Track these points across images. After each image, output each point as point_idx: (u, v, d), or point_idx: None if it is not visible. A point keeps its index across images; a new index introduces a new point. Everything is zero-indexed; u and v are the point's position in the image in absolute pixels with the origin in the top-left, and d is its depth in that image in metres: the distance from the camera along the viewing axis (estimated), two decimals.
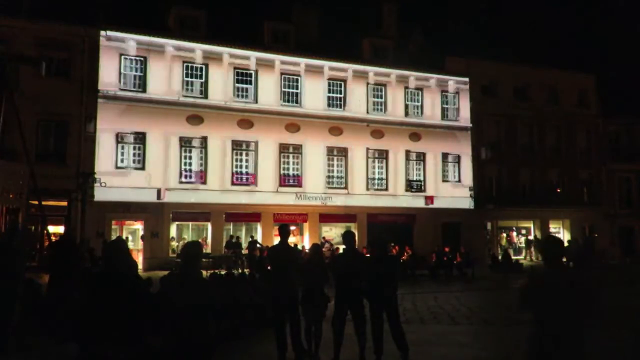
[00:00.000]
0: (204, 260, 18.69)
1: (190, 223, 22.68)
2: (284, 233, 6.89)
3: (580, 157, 30.24)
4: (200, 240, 21.63)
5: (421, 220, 25.41)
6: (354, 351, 6.54)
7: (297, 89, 24.12)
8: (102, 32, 20.74)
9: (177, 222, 22.10)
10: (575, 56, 32.27)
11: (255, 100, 23.19)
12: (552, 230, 29.64)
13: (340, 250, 15.58)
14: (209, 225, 22.37)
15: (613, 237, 30.18)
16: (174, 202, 21.28)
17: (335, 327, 6.53)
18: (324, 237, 23.36)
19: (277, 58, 23.63)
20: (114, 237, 19.09)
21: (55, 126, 20.32)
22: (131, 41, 21.24)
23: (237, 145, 22.85)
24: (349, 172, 24.51)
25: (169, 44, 21.91)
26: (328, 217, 24.17)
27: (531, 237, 29.10)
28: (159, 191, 20.92)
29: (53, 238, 10.48)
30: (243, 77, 23.22)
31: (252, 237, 21.52)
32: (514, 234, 29.78)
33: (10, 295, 6.52)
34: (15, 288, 6.68)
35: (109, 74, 20.81)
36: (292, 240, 19.72)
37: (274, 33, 24.40)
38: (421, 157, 26.22)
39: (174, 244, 21.74)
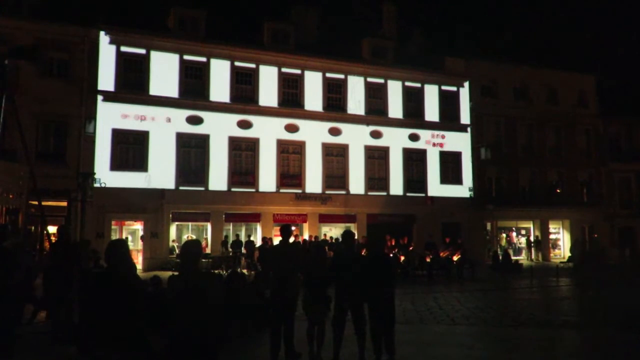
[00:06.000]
0: (203, 260, 18.73)
1: (190, 223, 22.67)
2: (286, 233, 6.90)
3: (580, 157, 30.24)
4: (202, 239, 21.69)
5: (421, 220, 25.39)
6: (354, 351, 6.55)
7: (296, 89, 24.13)
8: (102, 32, 20.75)
9: (177, 223, 22.09)
10: (575, 56, 32.33)
11: (255, 100, 23.19)
12: (551, 230, 29.65)
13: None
14: (209, 226, 22.36)
15: (613, 237, 30.16)
16: (174, 202, 21.28)
17: (335, 327, 6.54)
18: (324, 235, 23.34)
19: (277, 58, 23.64)
20: (114, 238, 19.12)
21: (55, 126, 20.34)
22: (131, 41, 21.23)
23: (236, 146, 22.85)
24: (348, 172, 24.51)
25: (169, 44, 21.91)
26: (328, 217, 24.16)
27: (532, 237, 29.07)
28: (158, 191, 20.92)
29: (53, 238, 10.47)
30: (243, 77, 23.23)
31: (264, 238, 21.16)
32: (514, 234, 29.77)
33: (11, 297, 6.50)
34: (14, 289, 6.66)
35: (109, 74, 20.82)
36: (291, 240, 19.69)
37: (274, 33, 24.39)
38: (421, 157, 26.23)
39: (173, 236, 21.73)
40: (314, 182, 23.84)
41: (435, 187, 26.19)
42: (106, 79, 20.76)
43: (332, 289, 6.68)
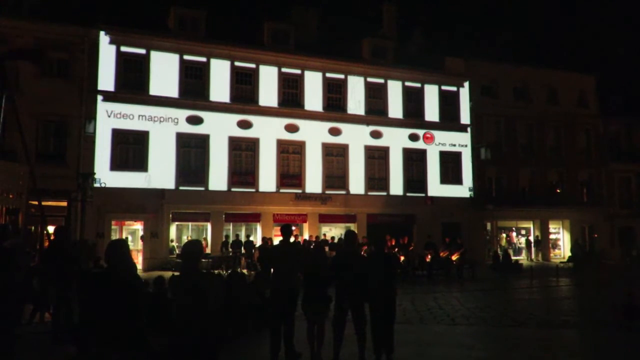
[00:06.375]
0: (203, 260, 18.72)
1: (190, 223, 22.67)
2: (287, 233, 6.90)
3: (580, 157, 30.24)
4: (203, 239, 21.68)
5: (421, 220, 25.38)
6: (354, 351, 6.55)
7: (296, 89, 24.13)
8: (102, 32, 20.74)
9: (176, 223, 22.08)
10: (575, 56, 32.37)
11: (255, 100, 23.19)
12: (551, 230, 29.65)
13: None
14: (209, 226, 22.35)
15: (613, 237, 30.18)
16: (174, 202, 21.28)
17: (335, 327, 6.55)
18: (324, 235, 23.34)
19: (277, 58, 23.64)
20: (114, 238, 19.12)
21: (55, 126, 20.33)
22: (131, 41, 21.22)
23: (236, 146, 22.85)
24: (348, 172, 24.50)
25: (169, 44, 21.91)
26: (328, 217, 24.15)
27: (531, 237, 29.09)
28: (159, 191, 20.91)
29: (52, 238, 10.48)
30: (243, 77, 23.23)
31: (264, 238, 21.13)
32: (514, 234, 29.77)
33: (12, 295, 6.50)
34: (15, 288, 6.66)
35: (109, 74, 20.81)
36: (291, 240, 19.58)
37: (274, 33, 24.38)
38: (421, 157, 26.22)
39: (173, 236, 21.74)
40: (314, 182, 23.84)
41: (435, 187, 26.18)
42: (106, 79, 20.75)
43: (332, 289, 6.69)
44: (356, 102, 25.02)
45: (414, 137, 26.03)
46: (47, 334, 7.86)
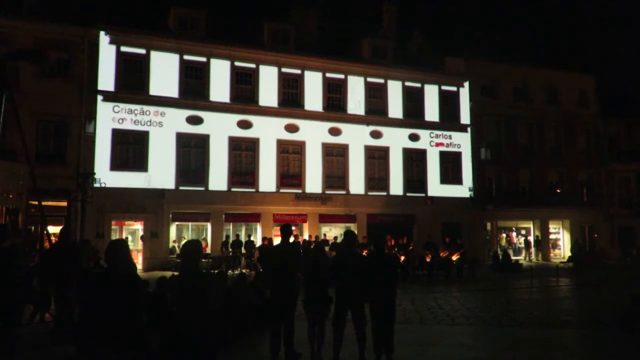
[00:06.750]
0: (203, 260, 18.72)
1: (190, 223, 22.66)
2: (286, 233, 6.89)
3: (580, 157, 30.24)
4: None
5: (421, 220, 25.38)
6: (354, 351, 6.55)
7: (296, 89, 24.12)
8: (102, 32, 20.74)
9: (176, 223, 22.07)
10: (575, 56, 32.38)
11: (255, 100, 23.19)
12: (551, 230, 29.64)
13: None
14: (209, 226, 22.35)
15: (613, 237, 30.17)
16: (174, 202, 21.27)
17: (335, 327, 6.55)
18: (324, 235, 23.33)
19: (277, 58, 23.64)
20: (114, 238, 19.10)
21: (55, 126, 20.34)
22: (131, 41, 21.22)
23: (236, 146, 22.85)
24: (348, 172, 24.50)
25: (169, 44, 21.90)
26: (328, 217, 24.15)
27: (530, 238, 29.08)
28: (159, 191, 20.91)
29: (53, 239, 10.47)
30: (243, 77, 23.23)
31: (264, 238, 21.06)
32: (514, 234, 29.76)
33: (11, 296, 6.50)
34: (14, 289, 6.66)
35: (109, 74, 20.81)
36: (291, 240, 19.53)
37: (274, 33, 24.38)
38: (421, 157, 26.22)
39: (173, 236, 21.71)
40: (314, 182, 23.83)
41: (435, 187, 26.18)
42: (106, 79, 20.75)
43: (332, 289, 6.69)
44: (356, 102, 25.02)
45: (414, 137, 26.03)
46: (47, 334, 7.86)
